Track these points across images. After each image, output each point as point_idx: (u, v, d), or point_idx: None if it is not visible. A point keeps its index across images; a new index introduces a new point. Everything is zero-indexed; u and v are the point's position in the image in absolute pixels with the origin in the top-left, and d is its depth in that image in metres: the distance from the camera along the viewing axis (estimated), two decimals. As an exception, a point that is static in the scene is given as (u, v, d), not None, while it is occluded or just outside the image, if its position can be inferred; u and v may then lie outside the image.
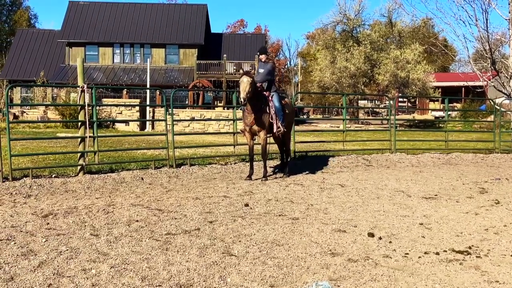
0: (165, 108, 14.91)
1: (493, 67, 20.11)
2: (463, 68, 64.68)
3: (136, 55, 51.14)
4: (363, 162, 15.47)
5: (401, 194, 10.42)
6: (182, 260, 5.91)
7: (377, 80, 45.58)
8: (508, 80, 19.67)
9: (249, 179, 11.80)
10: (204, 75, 48.74)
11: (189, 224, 7.50)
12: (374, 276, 5.51)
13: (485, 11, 19.49)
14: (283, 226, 7.54)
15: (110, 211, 8.30)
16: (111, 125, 31.20)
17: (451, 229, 7.58)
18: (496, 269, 5.85)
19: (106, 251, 6.20)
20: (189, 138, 22.05)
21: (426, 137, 24.25)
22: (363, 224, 7.74)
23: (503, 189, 11.39)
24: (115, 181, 11.26)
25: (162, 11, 53.52)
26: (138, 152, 15.78)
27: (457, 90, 59.18)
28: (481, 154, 18.10)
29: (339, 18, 48.00)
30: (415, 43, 45.50)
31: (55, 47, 51.92)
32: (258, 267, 5.73)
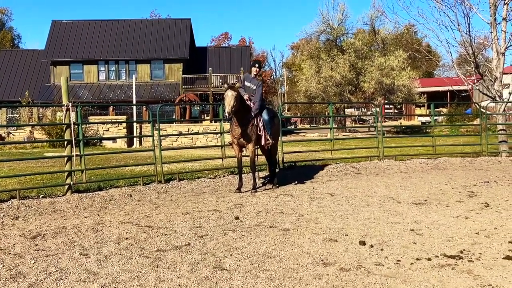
0: (151, 123, 14.84)
1: (477, 71, 20.23)
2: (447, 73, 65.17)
3: (121, 72, 51.06)
4: (352, 170, 15.47)
5: (391, 200, 10.41)
6: (173, 276, 5.86)
7: (363, 88, 45.81)
8: (492, 83, 19.78)
9: (238, 192, 11.74)
10: (190, 89, 48.74)
11: (180, 240, 7.44)
12: (366, 285, 5.48)
13: (467, 15, 19.64)
14: (274, 237, 7.49)
15: (99, 230, 8.22)
16: (99, 142, 31.06)
17: (442, 234, 7.57)
18: (489, 272, 5.85)
19: (96, 271, 6.13)
20: (177, 153, 21.99)
21: (414, 142, 24.33)
22: (354, 233, 7.72)
23: (492, 192, 11.42)
24: (104, 199, 11.18)
25: (146, 26, 53.52)
26: (126, 169, 15.70)
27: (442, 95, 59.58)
28: (469, 158, 18.17)
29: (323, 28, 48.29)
30: (399, 49, 45.81)
31: (40, 67, 51.81)
32: (250, 281, 5.69)
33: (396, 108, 64.43)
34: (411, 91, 46.79)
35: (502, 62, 19.68)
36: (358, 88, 47.03)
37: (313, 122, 65.98)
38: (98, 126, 32.28)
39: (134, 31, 52.34)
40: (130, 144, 32.30)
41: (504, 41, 19.47)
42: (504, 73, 20.17)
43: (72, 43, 50.85)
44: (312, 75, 46.62)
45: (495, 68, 19.59)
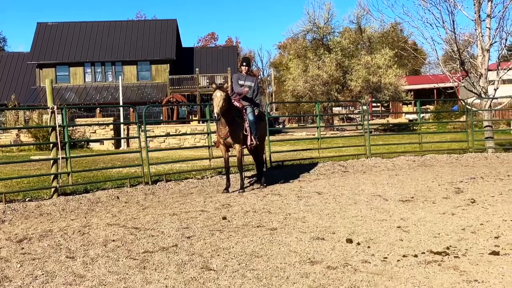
0: (138, 125, 14.79)
1: (462, 68, 20.33)
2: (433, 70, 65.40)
3: (107, 73, 50.89)
4: (339, 168, 15.50)
5: (378, 198, 10.45)
6: (160, 278, 5.84)
7: (350, 86, 45.91)
8: (477, 79, 19.89)
9: (226, 192, 11.74)
10: (178, 90, 48.66)
11: (167, 241, 7.42)
12: (353, 283, 5.50)
13: (451, 13, 19.72)
14: (261, 237, 7.49)
15: (85, 232, 8.19)
16: (86, 145, 30.92)
17: (428, 230, 7.61)
18: (475, 268, 5.87)
19: (83, 273, 6.10)
20: (165, 154, 21.92)
21: (401, 140, 24.41)
22: (341, 231, 7.73)
23: (478, 188, 11.49)
24: (90, 202, 11.12)
25: (132, 28, 53.37)
26: (113, 170, 15.65)
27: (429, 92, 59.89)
28: (456, 154, 18.26)
29: (309, 27, 48.30)
30: (385, 48, 45.96)
31: (26, 69, 51.55)
32: (238, 280, 5.68)
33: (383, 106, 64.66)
34: (398, 89, 46.96)
35: (487, 58, 19.80)
36: (345, 86, 47.13)
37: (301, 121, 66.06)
38: (85, 128, 32.13)
39: (120, 33, 52.18)
40: (117, 145, 32.18)
41: (488, 38, 19.59)
42: (489, 70, 20.27)
43: (58, 45, 50.61)
44: (299, 74, 46.65)
45: (480, 65, 19.70)
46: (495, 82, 20.13)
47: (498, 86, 20.12)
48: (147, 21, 59.45)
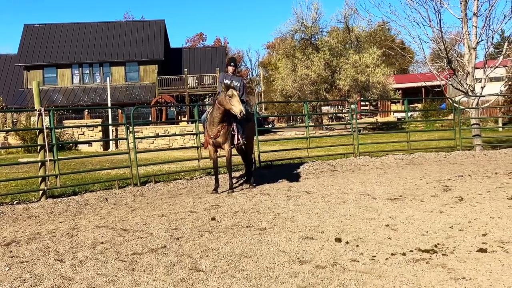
0: (126, 126, 14.75)
1: (449, 66, 20.43)
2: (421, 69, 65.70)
3: (95, 75, 50.69)
4: (328, 167, 15.54)
5: (366, 197, 10.48)
6: (149, 279, 5.83)
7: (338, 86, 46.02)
8: (464, 78, 20.00)
9: (215, 193, 11.73)
10: (166, 90, 48.55)
11: (155, 242, 7.41)
12: (342, 281, 5.51)
13: (438, 11, 19.81)
14: (250, 237, 7.50)
15: (74, 235, 8.15)
16: (74, 147, 30.80)
17: (416, 228, 7.64)
18: (462, 265, 5.91)
19: (71, 276, 6.08)
20: (154, 155, 21.89)
21: (390, 138, 24.51)
22: (330, 230, 7.75)
23: (466, 185, 11.55)
24: (79, 204, 11.09)
25: (120, 29, 53.21)
26: (101, 172, 15.60)
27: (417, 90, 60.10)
28: (443, 152, 18.35)
29: (297, 27, 48.39)
30: (373, 47, 46.11)
31: (13, 72, 51.24)
32: (227, 281, 5.68)
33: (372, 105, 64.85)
34: (386, 88, 47.16)
35: (474, 57, 19.92)
36: (333, 86, 47.24)
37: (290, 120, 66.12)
38: (73, 130, 32.00)
39: (108, 34, 52.00)
40: (106, 147, 32.07)
41: (475, 36, 19.70)
42: (476, 68, 20.40)
43: (45, 47, 50.37)
44: (288, 74, 46.71)
45: (467, 63, 19.82)
46: (482, 80, 20.25)
47: (485, 84, 20.25)
48: (135, 22, 59.29)
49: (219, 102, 11.46)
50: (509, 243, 6.72)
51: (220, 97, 11.51)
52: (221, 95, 11.47)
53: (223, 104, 11.36)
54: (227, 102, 11.25)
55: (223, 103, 11.34)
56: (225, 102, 11.29)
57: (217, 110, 11.50)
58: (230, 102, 11.21)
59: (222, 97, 11.40)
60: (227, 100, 11.24)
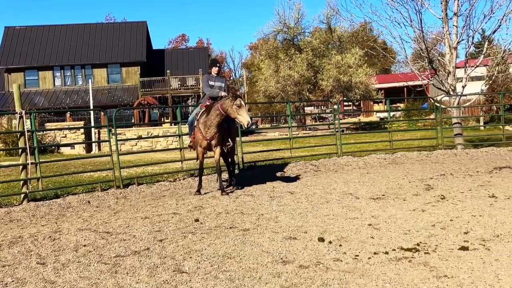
0: (108, 128, 14.66)
1: (430, 66, 20.58)
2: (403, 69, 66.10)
3: (77, 77, 50.35)
4: (312, 167, 15.58)
5: (349, 196, 10.53)
6: (132, 282, 5.81)
7: (321, 86, 46.16)
8: (446, 77, 20.16)
9: (198, 194, 11.69)
10: (149, 92, 48.36)
11: (139, 245, 7.38)
12: (325, 281, 5.53)
13: (419, 11, 19.94)
14: (234, 238, 7.50)
15: (56, 238, 8.10)
16: (56, 149, 30.57)
17: (399, 227, 7.69)
18: (444, 263, 5.96)
19: (54, 279, 6.04)
20: (137, 157, 21.82)
21: (372, 138, 24.64)
22: (313, 230, 7.77)
23: (448, 184, 11.64)
24: (61, 207, 11.01)
25: (101, 30, 52.88)
26: (84, 175, 15.49)
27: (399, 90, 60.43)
28: (426, 152, 18.48)
29: (280, 27, 48.47)
30: (355, 47, 46.31)
31: (-7, 74, 50.73)
32: (210, 282, 5.68)
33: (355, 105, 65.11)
34: (369, 88, 47.37)
35: (455, 56, 20.08)
36: (316, 86, 47.37)
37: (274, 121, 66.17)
38: (55, 132, 31.76)
39: (90, 35, 51.67)
40: (88, 149, 31.89)
41: (456, 36, 19.86)
42: (457, 67, 20.57)
43: (26, 49, 49.92)
44: (271, 75, 46.77)
45: (448, 63, 19.97)
46: (463, 80, 20.42)
47: (466, 84, 20.42)
48: (116, 24, 58.94)
49: (223, 108, 11.23)
50: (490, 241, 6.80)
51: (224, 103, 11.25)
52: (226, 102, 11.22)
53: (227, 111, 11.20)
54: (234, 111, 11.10)
55: (229, 111, 11.17)
56: (231, 110, 11.13)
57: (218, 115, 11.34)
58: (238, 112, 11.09)
59: (227, 104, 11.18)
60: (235, 109, 11.08)
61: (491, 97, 38.75)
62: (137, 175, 14.60)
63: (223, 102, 11.31)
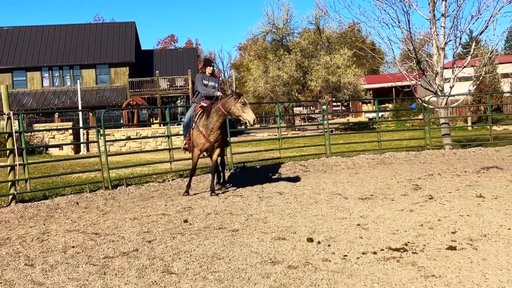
0: (96, 129, 14.62)
1: (418, 67, 20.69)
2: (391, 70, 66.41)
3: (65, 78, 50.16)
4: (300, 168, 15.61)
5: (338, 197, 10.55)
6: (121, 283, 5.80)
7: (310, 87, 46.24)
8: (434, 78, 20.27)
9: (187, 195, 11.66)
10: (138, 93, 48.25)
11: (127, 246, 7.36)
12: (314, 281, 5.55)
13: (407, 12, 20.04)
14: (223, 239, 7.50)
15: (45, 239, 8.07)
16: (45, 150, 30.42)
17: (387, 227, 7.72)
18: (432, 263, 5.99)
19: (42, 281, 6.02)
20: (126, 158, 21.77)
21: (361, 139, 24.71)
22: (302, 230, 7.79)
23: (436, 184, 11.69)
24: (49, 208, 10.97)
25: (90, 31, 52.71)
26: (72, 176, 15.45)
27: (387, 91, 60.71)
28: (414, 152, 18.55)
29: (269, 28, 48.51)
30: (343, 48, 46.44)
31: (-19, 75, 50.43)
32: (199, 283, 5.68)
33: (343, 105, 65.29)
34: (357, 88, 47.55)
35: (443, 57, 20.20)
36: (305, 86, 47.45)
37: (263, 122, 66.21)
38: (43, 133, 31.61)
39: (78, 36, 51.49)
40: (77, 150, 31.77)
41: (443, 37, 19.97)
42: (445, 68, 20.68)
43: (14, 50, 49.69)
44: (260, 75, 46.81)
45: (436, 63, 20.08)
46: (450, 80, 20.53)
47: (453, 84, 20.53)
48: (105, 24, 58.76)
49: (225, 108, 11.10)
50: (478, 240, 6.84)
51: (227, 102, 11.12)
52: (229, 101, 11.09)
53: (230, 110, 11.09)
54: (238, 109, 11.00)
55: (232, 109, 11.04)
56: (235, 109, 11.01)
57: (221, 116, 11.24)
58: (243, 110, 11.01)
59: (230, 103, 11.05)
60: (239, 107, 10.99)
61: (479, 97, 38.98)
62: (125, 176, 14.56)
63: (225, 102, 11.15)
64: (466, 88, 26.92)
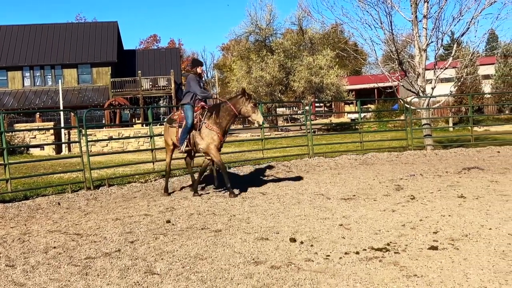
0: (78, 129, 14.51)
1: (400, 68, 20.80)
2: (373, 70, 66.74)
3: (47, 77, 49.74)
4: (283, 168, 15.62)
5: (321, 197, 10.58)
6: (103, 283, 5.77)
7: (293, 87, 46.27)
8: (416, 79, 20.40)
9: (197, 195, 11.45)
10: (120, 93, 47.98)
11: (109, 246, 7.33)
12: (297, 281, 5.56)
13: (389, 14, 20.13)
14: (206, 239, 7.49)
15: (26, 240, 8.00)
16: (26, 150, 30.13)
17: (369, 227, 7.76)
18: (414, 263, 6.03)
19: (23, 282, 5.97)
20: (108, 158, 21.64)
21: (343, 139, 24.78)
22: (285, 230, 7.80)
23: (417, 184, 11.77)
24: (31, 208, 10.88)
25: (72, 30, 52.31)
26: (54, 176, 15.32)
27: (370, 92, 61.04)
28: (396, 152, 18.64)
29: (252, 29, 48.46)
30: (326, 48, 46.54)
31: (-39, 75, 49.88)
32: (182, 284, 5.67)
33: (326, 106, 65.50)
34: (340, 89, 47.66)
35: (424, 58, 20.33)
36: (288, 87, 47.47)
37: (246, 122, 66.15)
38: (24, 133, 31.31)
39: (60, 36, 51.08)
40: (58, 151, 31.51)
41: (425, 38, 20.10)
42: (427, 69, 20.81)
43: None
44: (242, 76, 46.76)
45: (418, 65, 20.20)
46: (432, 81, 20.67)
47: (435, 85, 20.67)
48: (87, 24, 58.34)
49: (237, 108, 11.13)
50: (459, 240, 6.89)
51: (238, 102, 11.16)
52: (240, 101, 11.16)
53: (241, 110, 11.16)
54: (249, 110, 11.10)
55: (243, 110, 11.14)
56: (245, 109, 11.12)
57: (232, 115, 11.29)
58: (253, 110, 11.12)
59: (242, 103, 11.13)
60: (250, 108, 11.10)
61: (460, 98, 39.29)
62: (108, 176, 14.48)
63: (236, 102, 11.22)
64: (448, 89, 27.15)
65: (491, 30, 24.20)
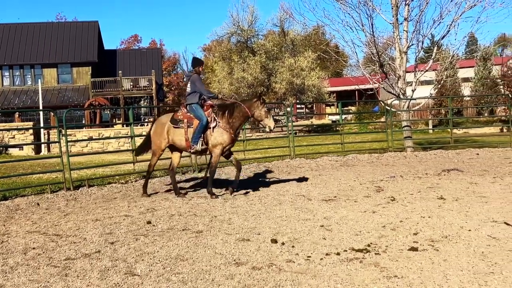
0: (57, 129, 14.39)
1: (381, 70, 20.93)
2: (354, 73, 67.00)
3: (26, 77, 49.27)
4: (265, 169, 15.63)
5: (302, 198, 10.60)
6: (83, 285, 5.72)
7: (275, 89, 46.36)
8: (396, 81, 20.54)
9: (215, 197, 11.14)
10: (100, 93, 47.69)
11: (89, 247, 7.27)
12: (278, 282, 5.56)
13: (370, 16, 20.27)
14: (187, 240, 7.46)
15: (4, 240, 7.91)
16: (4, 150, 29.83)
17: (350, 228, 7.79)
18: (395, 264, 6.06)
19: (2, 283, 5.90)
20: (88, 159, 21.49)
21: (324, 141, 24.88)
22: (266, 231, 7.80)
23: (398, 186, 11.85)
24: (9, 209, 10.76)
25: (52, 30, 51.86)
26: (33, 177, 15.18)
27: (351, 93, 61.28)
28: (376, 154, 18.77)
29: (233, 30, 48.46)
30: (308, 50, 46.70)
31: None
32: (162, 285, 5.64)
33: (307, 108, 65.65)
34: (321, 91, 47.85)
35: (405, 61, 20.49)
36: (270, 89, 47.55)
37: (227, 123, 66.00)
38: (3, 133, 31.01)
39: (40, 35, 50.63)
40: (38, 151, 31.24)
41: (406, 41, 20.26)
42: (407, 72, 20.97)
43: (-27, 48, 48.66)
44: (224, 77, 46.77)
45: (398, 67, 20.35)
46: (412, 84, 20.82)
47: (415, 87, 20.84)
48: (67, 23, 57.86)
49: (251, 110, 11.10)
50: (439, 241, 6.94)
51: (252, 105, 11.12)
52: (255, 105, 11.10)
53: (254, 113, 11.13)
54: (262, 114, 11.07)
55: (256, 113, 11.10)
56: (259, 113, 11.09)
57: (245, 117, 11.28)
58: (266, 115, 11.10)
59: (256, 107, 11.09)
60: (264, 112, 11.07)
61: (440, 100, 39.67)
62: (87, 177, 14.37)
63: (250, 105, 11.16)
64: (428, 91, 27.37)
65: (471, 33, 24.46)
